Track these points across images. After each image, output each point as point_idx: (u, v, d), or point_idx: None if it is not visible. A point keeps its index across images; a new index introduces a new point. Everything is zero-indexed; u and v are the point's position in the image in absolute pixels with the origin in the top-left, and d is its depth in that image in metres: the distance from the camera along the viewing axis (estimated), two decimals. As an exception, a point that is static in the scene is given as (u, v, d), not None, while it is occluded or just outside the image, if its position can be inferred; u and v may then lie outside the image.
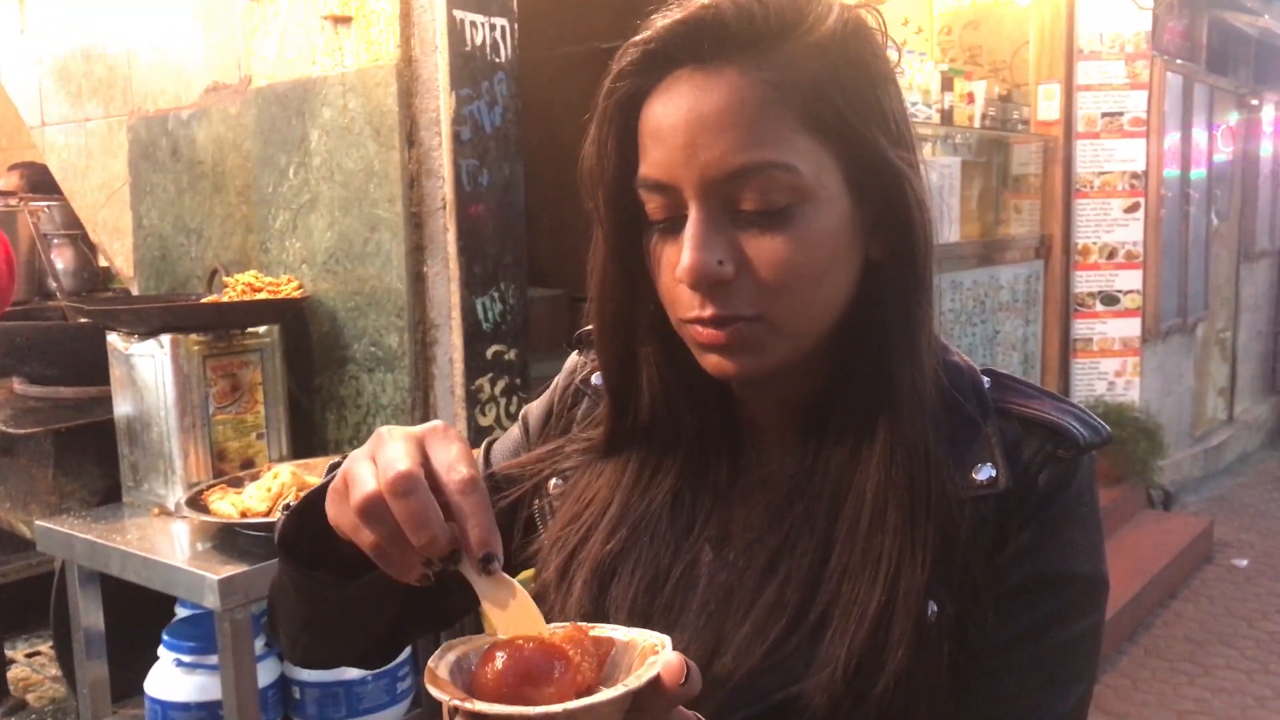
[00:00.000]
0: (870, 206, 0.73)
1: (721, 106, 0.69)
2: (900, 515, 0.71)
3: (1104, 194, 5.32)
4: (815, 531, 0.74)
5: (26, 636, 3.72)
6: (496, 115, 2.43)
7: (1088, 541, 0.75)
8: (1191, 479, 5.99)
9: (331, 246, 2.52)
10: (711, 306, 0.71)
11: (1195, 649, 3.92)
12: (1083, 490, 0.75)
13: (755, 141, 0.69)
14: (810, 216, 0.70)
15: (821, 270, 0.72)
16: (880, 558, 0.71)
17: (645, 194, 0.73)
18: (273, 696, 2.21)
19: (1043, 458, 0.74)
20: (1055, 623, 0.73)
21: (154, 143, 2.98)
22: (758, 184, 0.69)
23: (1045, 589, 0.73)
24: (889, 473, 0.73)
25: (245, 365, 2.36)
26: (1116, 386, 5.36)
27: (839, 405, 0.76)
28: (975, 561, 0.72)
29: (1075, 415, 0.77)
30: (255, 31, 2.65)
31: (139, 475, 2.35)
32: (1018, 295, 5.04)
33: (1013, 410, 0.77)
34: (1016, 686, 0.73)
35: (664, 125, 0.71)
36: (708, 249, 0.70)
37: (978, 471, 0.74)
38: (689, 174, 0.70)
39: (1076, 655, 0.75)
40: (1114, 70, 5.24)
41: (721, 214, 0.71)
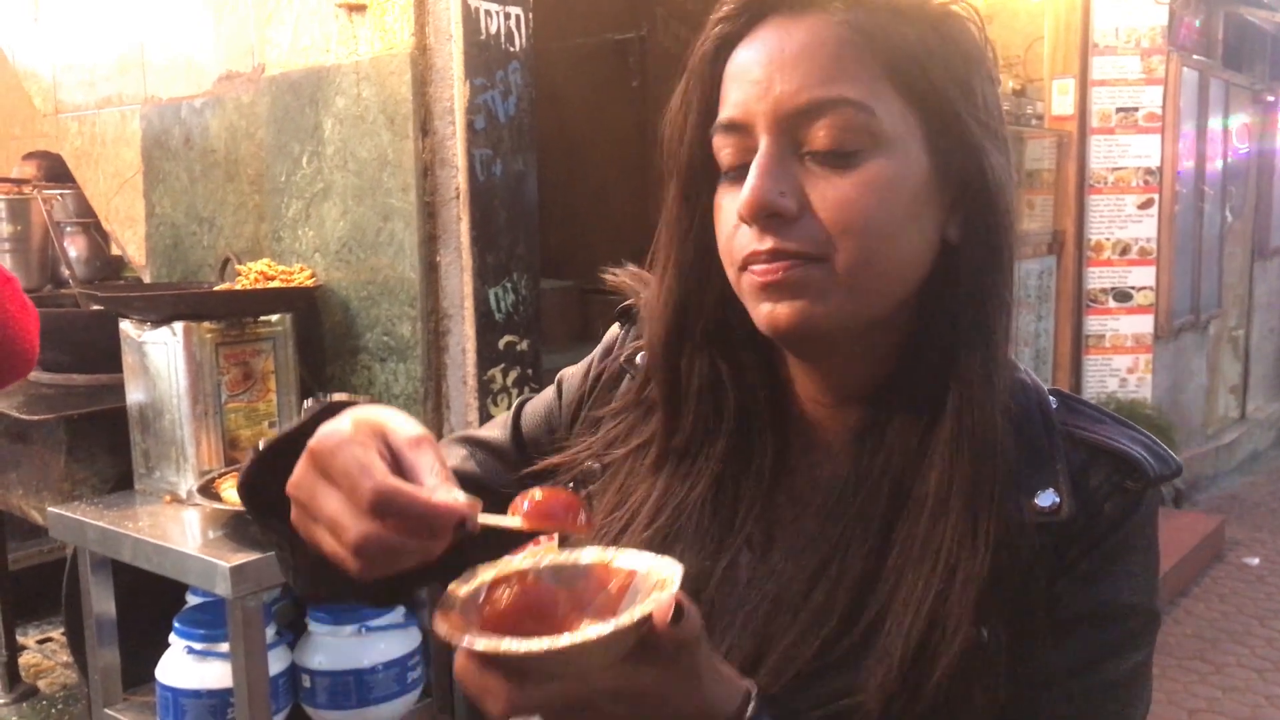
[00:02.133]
0: (951, 184, 0.71)
1: (802, 44, 0.68)
2: (962, 507, 0.69)
3: (1118, 190, 5.29)
4: (870, 535, 0.72)
5: (38, 623, 3.73)
6: (510, 105, 2.43)
7: (1146, 574, 0.74)
8: (1203, 477, 5.97)
9: (344, 235, 2.52)
10: (770, 240, 0.68)
11: (1206, 647, 3.91)
12: (1146, 522, 0.74)
13: (833, 77, 0.68)
14: (884, 167, 0.68)
15: (892, 226, 0.69)
16: (940, 549, 0.69)
17: (720, 139, 0.72)
18: (283, 684, 2.22)
19: (1109, 487, 0.72)
20: (1111, 655, 0.72)
21: (167, 131, 2.98)
22: (831, 121, 0.67)
23: (1103, 621, 0.72)
24: (954, 464, 0.70)
25: (258, 354, 2.36)
26: (1128, 383, 5.34)
27: (902, 399, 0.73)
28: (1032, 585, 0.70)
29: (1145, 445, 0.74)
30: (269, 19, 2.64)
31: (151, 463, 2.36)
32: (1030, 291, 5.02)
33: (1080, 435, 0.74)
34: (1064, 713, 0.71)
35: (745, 66, 0.70)
36: (771, 179, 0.68)
37: (1040, 497, 0.71)
38: (763, 108, 0.69)
39: (1135, 687, 0.73)
40: (1129, 65, 5.21)
41: (791, 151, 0.69)
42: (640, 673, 0.57)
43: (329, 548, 0.61)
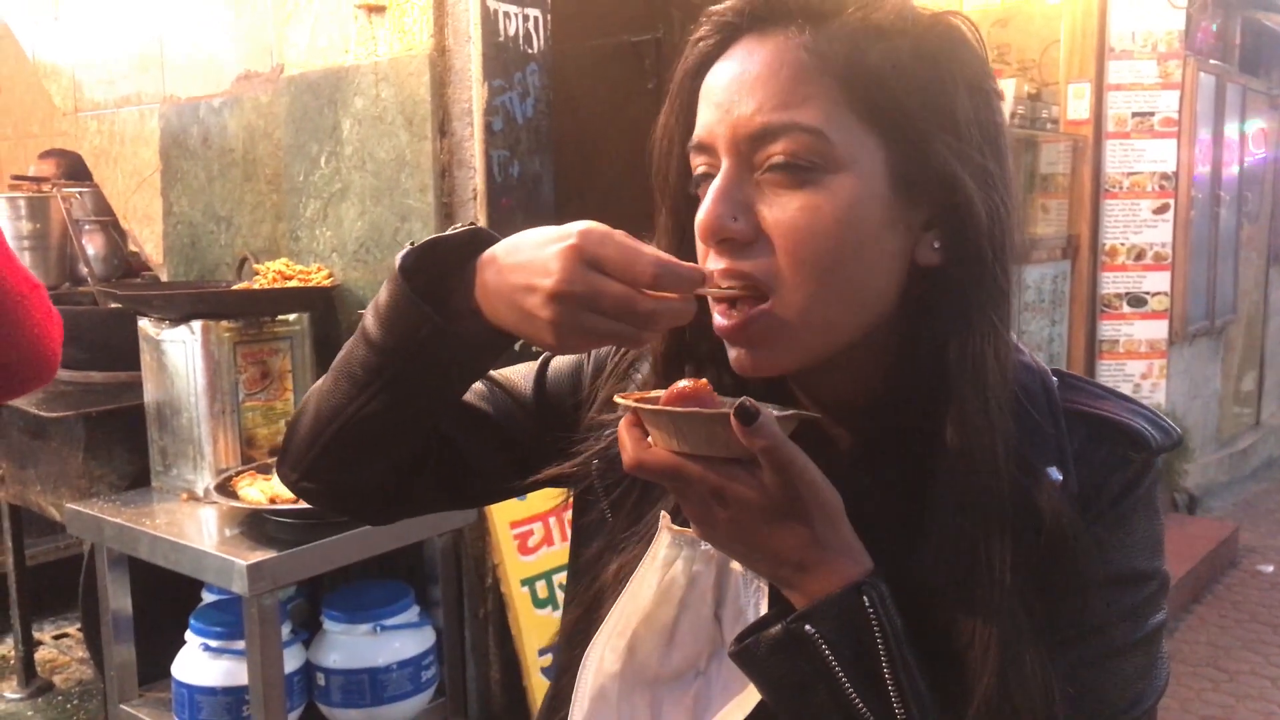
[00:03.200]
0: (920, 207, 0.71)
1: (762, 67, 0.70)
2: (982, 515, 0.69)
3: (1133, 195, 5.27)
4: (893, 540, 0.71)
5: (54, 619, 3.76)
6: (528, 106, 2.43)
7: (1154, 540, 0.75)
8: (1217, 483, 5.94)
9: (362, 236, 2.53)
10: (724, 261, 0.70)
11: (1219, 654, 3.89)
12: (1150, 490, 0.75)
13: (785, 103, 0.69)
14: (833, 188, 0.68)
15: (843, 251, 0.69)
16: (965, 557, 0.69)
17: (693, 158, 0.74)
18: (298, 683, 2.23)
19: (1114, 459, 0.74)
20: (1127, 619, 0.73)
21: (185, 130, 3.00)
22: (783, 146, 0.68)
23: (1122, 587, 0.73)
24: (957, 481, 0.70)
25: (275, 353, 2.37)
26: (1142, 389, 5.32)
27: (896, 416, 0.74)
28: (1062, 558, 0.71)
29: (1146, 417, 0.76)
30: (288, 20, 2.65)
31: (168, 460, 2.37)
32: (1044, 295, 5.01)
33: (1083, 411, 0.76)
34: (1102, 677, 0.72)
35: (713, 86, 0.72)
36: (723, 204, 0.70)
37: (1048, 474, 0.72)
38: (723, 131, 0.71)
39: (1151, 654, 0.75)
40: (1146, 70, 5.19)
41: (746, 174, 0.70)
42: (741, 479, 0.63)
43: (599, 328, 0.66)
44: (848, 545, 0.67)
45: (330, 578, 2.35)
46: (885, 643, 0.64)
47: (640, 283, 0.65)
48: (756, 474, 0.63)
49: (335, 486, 0.85)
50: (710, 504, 0.65)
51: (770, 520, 0.64)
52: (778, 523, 0.64)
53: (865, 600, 0.65)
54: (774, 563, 0.67)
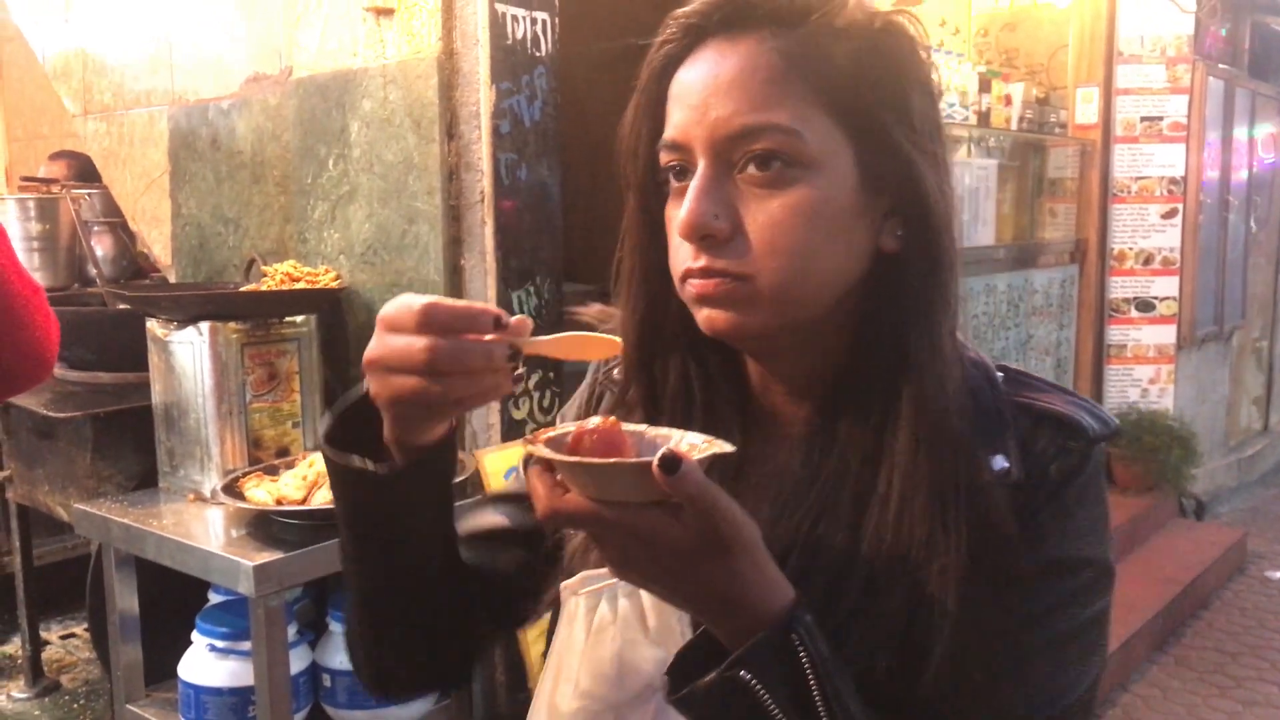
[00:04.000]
0: (884, 197, 0.76)
1: (735, 70, 0.73)
2: (930, 502, 0.73)
3: (1141, 199, 5.26)
4: (838, 525, 0.76)
5: (61, 618, 3.77)
6: (536, 109, 2.44)
7: (1096, 529, 0.78)
8: (1225, 489, 5.92)
9: (369, 238, 2.53)
10: (704, 258, 0.74)
11: (1227, 660, 3.88)
12: (1092, 479, 0.78)
13: (763, 104, 0.72)
14: (810, 184, 0.73)
15: (817, 243, 0.73)
16: (913, 543, 0.73)
17: (665, 155, 0.77)
18: (304, 684, 2.23)
19: (1054, 449, 0.77)
20: (1067, 607, 0.76)
21: (194, 132, 3.01)
22: (761, 145, 0.72)
23: (1062, 572, 0.76)
24: (914, 461, 0.74)
25: (282, 354, 2.37)
26: (1150, 394, 5.31)
27: (856, 397, 0.78)
28: (1006, 546, 0.74)
29: (1085, 408, 0.79)
30: (297, 22, 2.66)
31: (175, 461, 2.37)
32: (1052, 300, 5.00)
33: (1026, 403, 0.79)
34: (1040, 667, 0.75)
35: (685, 88, 0.75)
36: (705, 202, 0.73)
37: (993, 462, 0.76)
38: (700, 132, 0.74)
39: (1095, 635, 0.77)
40: (1154, 74, 5.18)
41: (725, 173, 0.74)
42: (661, 521, 0.63)
43: (403, 388, 0.69)
44: (769, 578, 0.68)
45: (336, 579, 2.35)
46: (815, 675, 0.66)
47: (413, 330, 0.68)
48: (678, 516, 0.64)
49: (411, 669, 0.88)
50: (631, 547, 0.65)
51: (694, 561, 0.65)
52: (702, 562, 0.65)
53: (794, 639, 0.66)
54: (699, 601, 0.68)
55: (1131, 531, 4.68)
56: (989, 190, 4.53)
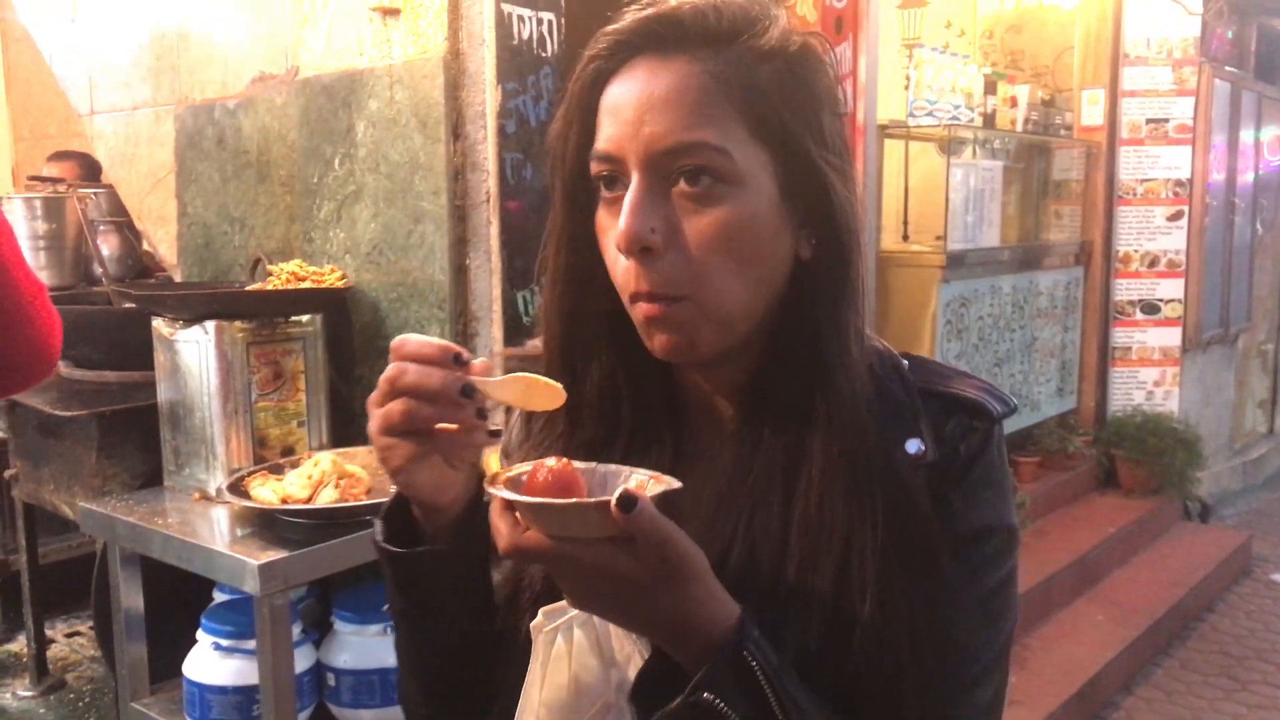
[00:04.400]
0: (799, 207, 0.80)
1: (669, 88, 0.77)
2: (846, 487, 0.79)
3: (1147, 201, 5.26)
4: (771, 515, 0.81)
5: (67, 617, 3.78)
6: (542, 110, 2.44)
7: (1003, 498, 0.85)
8: (1230, 492, 5.91)
9: (375, 238, 2.54)
10: (645, 280, 0.77)
11: (1231, 664, 3.87)
12: (996, 454, 0.85)
13: (694, 123, 0.76)
14: (737, 201, 0.77)
15: (746, 255, 0.78)
16: (833, 529, 0.78)
17: (596, 165, 0.80)
18: (308, 682, 2.23)
19: (962, 430, 0.84)
20: (986, 569, 0.83)
21: (200, 132, 3.01)
22: (692, 161, 0.76)
23: (974, 542, 0.82)
24: (831, 452, 0.80)
25: (288, 353, 2.38)
26: (1155, 396, 5.30)
27: (776, 395, 0.83)
28: (920, 523, 0.80)
29: (987, 390, 0.86)
30: (303, 22, 2.67)
31: (181, 460, 2.38)
32: (1057, 302, 5.00)
33: (933, 389, 0.85)
34: (964, 627, 0.81)
35: (618, 102, 0.79)
36: (641, 215, 0.76)
37: (908, 445, 0.82)
38: (634, 146, 0.77)
39: (1005, 595, 0.84)
40: (1160, 76, 5.18)
41: (659, 187, 0.77)
42: (617, 557, 0.68)
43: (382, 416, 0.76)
44: (717, 599, 0.73)
45: (341, 578, 2.36)
46: (769, 684, 0.72)
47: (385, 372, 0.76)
48: (632, 550, 0.68)
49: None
50: (590, 580, 0.70)
51: (649, 590, 0.70)
52: (656, 591, 0.70)
53: (746, 655, 0.71)
54: (655, 626, 0.73)
55: (1136, 534, 4.67)
56: (994, 192, 4.53)
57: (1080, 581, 4.14)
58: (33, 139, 5.09)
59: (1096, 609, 4.02)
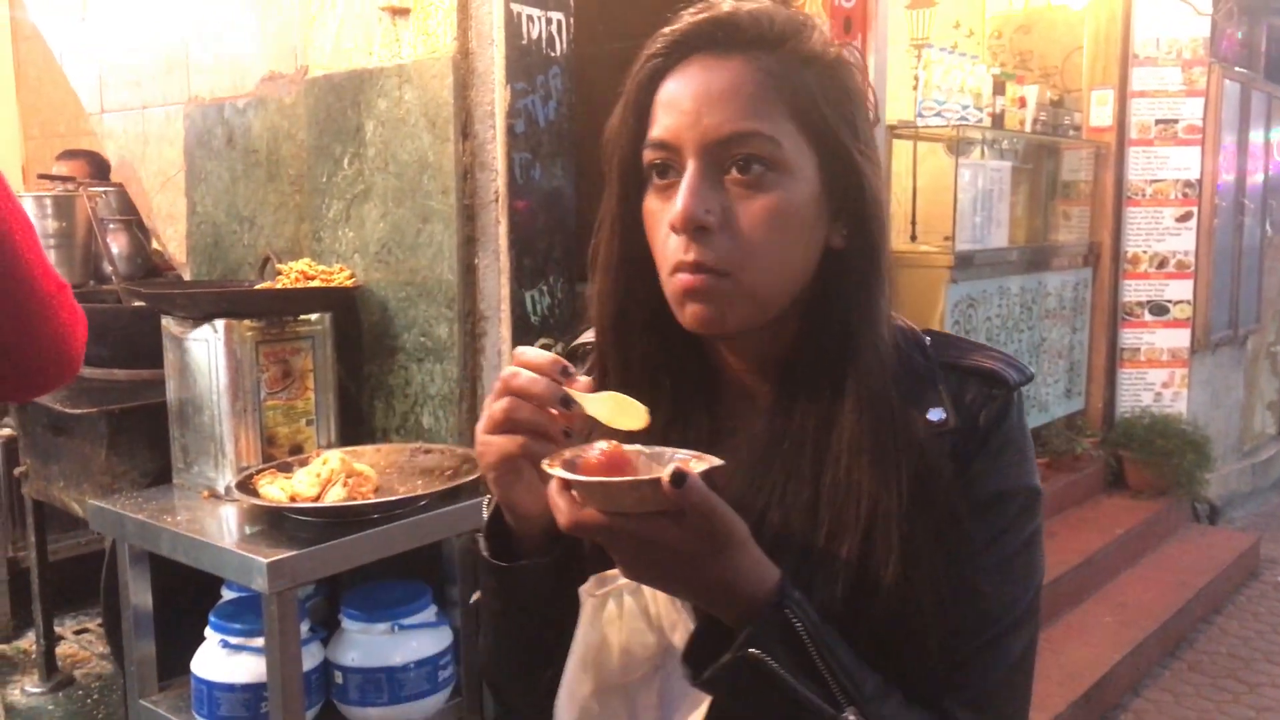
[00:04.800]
0: (835, 199, 0.88)
1: (727, 83, 0.84)
2: (872, 455, 0.85)
3: (1156, 202, 5.24)
4: (803, 482, 0.87)
5: (76, 614, 3.79)
6: (550, 109, 2.44)
7: (1025, 461, 0.91)
8: (1239, 494, 5.89)
9: (384, 237, 2.54)
10: (694, 251, 0.83)
11: (1240, 666, 3.86)
12: (1015, 421, 0.91)
13: (750, 114, 0.83)
14: (785, 189, 0.84)
15: (790, 239, 0.85)
16: (860, 493, 0.85)
17: (651, 153, 0.87)
18: (316, 680, 2.24)
19: (982, 399, 0.90)
20: (1010, 530, 0.89)
21: (210, 130, 3.02)
22: (747, 149, 0.83)
23: (998, 504, 0.88)
24: (859, 423, 0.86)
25: (297, 352, 2.38)
26: (1163, 397, 5.28)
27: (809, 372, 0.89)
28: (943, 487, 0.86)
29: (1004, 361, 0.93)
30: (312, 21, 2.67)
31: (189, 458, 2.39)
32: (1065, 302, 4.99)
33: (953, 362, 0.92)
34: (989, 586, 0.87)
35: (676, 95, 0.86)
36: (698, 197, 0.83)
37: (931, 414, 0.88)
38: (692, 135, 0.84)
39: (1031, 555, 0.90)
40: (1170, 76, 5.16)
41: (713, 174, 0.84)
42: (667, 529, 0.74)
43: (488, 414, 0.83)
44: (759, 562, 0.80)
45: (349, 576, 2.36)
46: (810, 638, 0.79)
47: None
48: (682, 523, 0.74)
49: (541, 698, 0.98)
50: (642, 551, 0.76)
51: (698, 558, 0.76)
52: (704, 560, 0.76)
53: (788, 612, 0.78)
54: (703, 592, 0.79)
55: (1144, 536, 4.66)
56: (1002, 192, 4.52)
57: (1088, 583, 4.13)
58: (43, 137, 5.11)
59: (1104, 610, 4.01)
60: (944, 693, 0.86)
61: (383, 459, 2.32)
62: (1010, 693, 0.89)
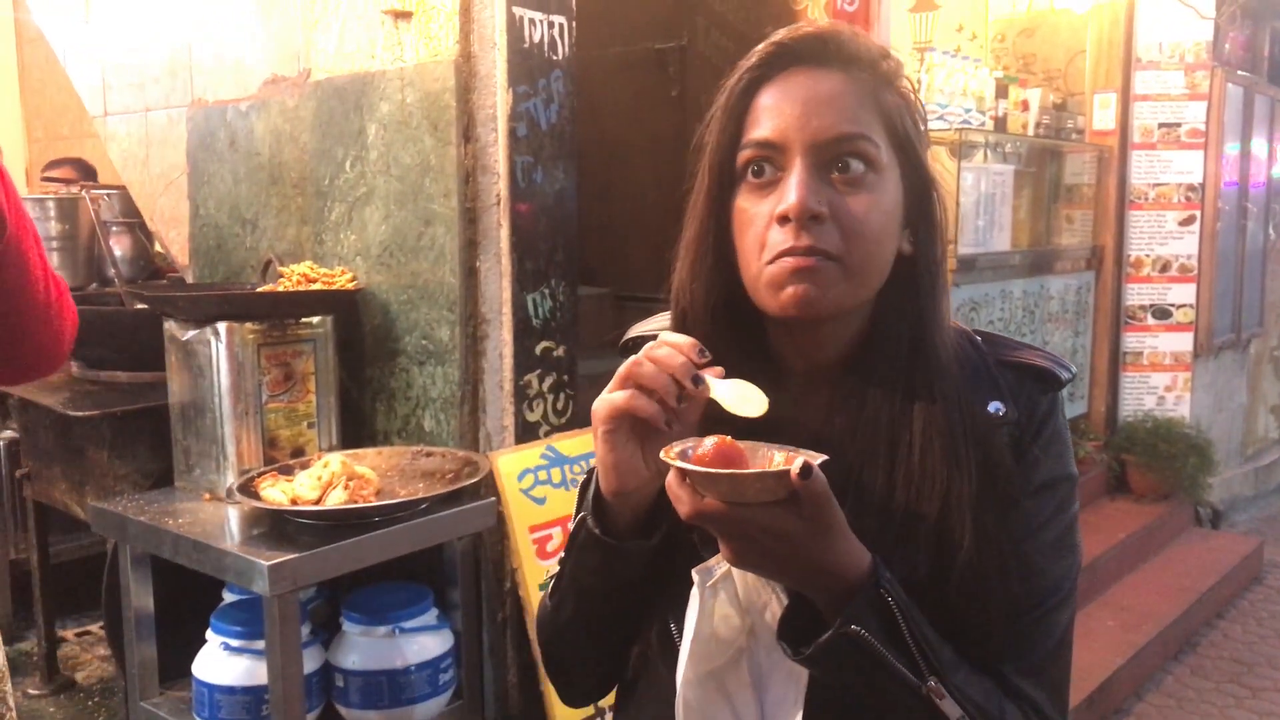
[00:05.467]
0: (910, 208, 0.96)
1: (833, 90, 0.92)
2: (944, 445, 0.92)
3: (1159, 206, 5.24)
4: (878, 470, 0.94)
5: (77, 616, 3.79)
6: (552, 113, 2.44)
7: (1066, 451, 1.00)
8: (1241, 498, 5.88)
9: (386, 240, 2.54)
10: (806, 238, 0.90)
11: (1243, 670, 3.85)
12: (1060, 414, 1.00)
13: (855, 120, 0.92)
14: (881, 190, 0.92)
15: (883, 234, 0.93)
16: (934, 479, 0.92)
17: (751, 152, 0.93)
18: (317, 683, 2.24)
19: (1037, 393, 0.98)
20: (1060, 511, 0.97)
21: (212, 133, 3.02)
22: (851, 149, 0.91)
23: (1050, 488, 0.97)
24: (932, 416, 0.93)
25: (298, 355, 2.39)
26: (1166, 401, 5.28)
27: (881, 367, 0.96)
28: (1004, 474, 0.94)
29: (1050, 359, 1.01)
30: (315, 25, 2.68)
31: (191, 460, 2.39)
32: (1068, 306, 4.98)
33: (1005, 359, 1.00)
34: (1044, 560, 0.96)
35: (780, 101, 0.93)
36: (811, 190, 0.90)
37: (990, 407, 0.96)
38: (801, 136, 0.91)
39: (1074, 535, 0.99)
40: (1173, 80, 5.16)
41: (822, 170, 0.91)
42: (785, 517, 0.80)
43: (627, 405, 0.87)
44: (856, 547, 0.86)
45: (350, 579, 2.36)
46: (902, 616, 0.85)
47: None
48: (798, 510, 0.80)
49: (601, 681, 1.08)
50: (758, 539, 0.81)
51: (806, 544, 0.81)
52: (813, 544, 0.82)
53: (883, 591, 0.85)
54: (808, 573, 0.84)
55: (1147, 539, 4.65)
56: (1005, 196, 4.52)
57: (1090, 587, 4.13)
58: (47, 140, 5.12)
59: (1107, 615, 4.00)
60: (1002, 661, 0.93)
61: (384, 462, 2.32)
62: (1060, 661, 0.98)
